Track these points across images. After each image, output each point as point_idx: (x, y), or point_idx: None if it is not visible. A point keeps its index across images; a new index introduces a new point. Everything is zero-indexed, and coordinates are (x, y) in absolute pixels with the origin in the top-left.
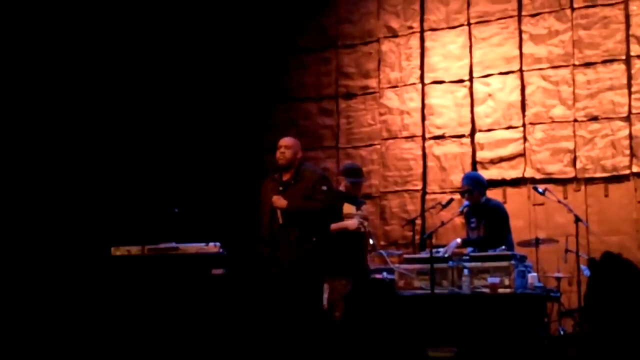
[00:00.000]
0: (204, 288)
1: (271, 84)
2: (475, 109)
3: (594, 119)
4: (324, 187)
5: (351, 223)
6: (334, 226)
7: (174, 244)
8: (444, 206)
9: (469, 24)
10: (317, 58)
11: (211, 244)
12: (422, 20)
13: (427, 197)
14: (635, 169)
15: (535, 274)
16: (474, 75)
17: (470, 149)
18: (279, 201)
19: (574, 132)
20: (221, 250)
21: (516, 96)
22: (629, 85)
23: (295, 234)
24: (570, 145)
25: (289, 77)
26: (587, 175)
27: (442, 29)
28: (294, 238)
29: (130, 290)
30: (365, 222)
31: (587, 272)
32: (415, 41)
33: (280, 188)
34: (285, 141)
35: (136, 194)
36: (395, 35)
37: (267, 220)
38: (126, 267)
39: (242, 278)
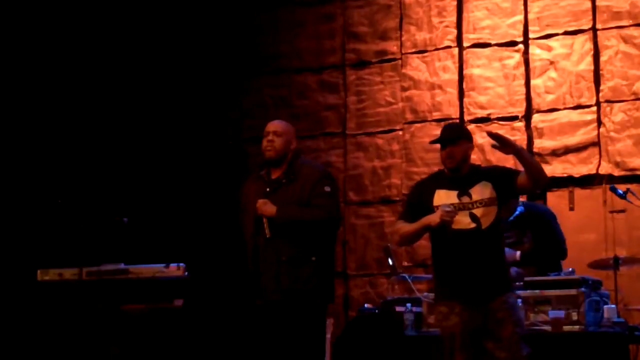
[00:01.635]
0: (163, 324)
1: (252, 50)
2: (532, 83)
3: None
4: (327, 188)
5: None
6: (411, 228)
7: (122, 266)
8: None
9: None
10: (316, 14)
11: (173, 265)
12: None
13: None
14: None
15: (613, 306)
16: (530, 36)
17: (526, 136)
18: (266, 207)
19: None
20: (186, 273)
21: (587, 65)
22: None
23: (287, 252)
24: None
25: (279, 39)
26: None
27: None
28: (286, 258)
29: (61, 328)
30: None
31: None
32: None
33: (268, 189)
34: (275, 126)
35: (71, 199)
36: None
37: (249, 234)
38: (57, 295)
39: (215, 311)
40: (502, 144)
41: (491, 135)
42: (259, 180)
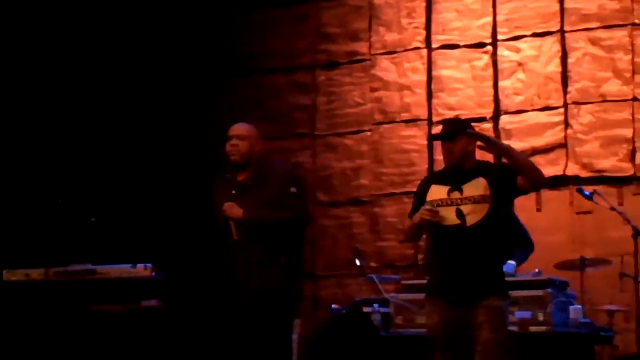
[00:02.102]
0: (131, 325)
1: (224, 50)
2: (500, 84)
3: None
4: (293, 189)
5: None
6: (407, 224)
7: (89, 266)
8: None
9: None
10: (288, 14)
11: (141, 265)
12: None
13: None
14: None
15: (579, 307)
16: (499, 37)
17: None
18: (232, 209)
19: (632, 114)
20: (155, 274)
21: (555, 66)
22: None
23: (255, 253)
24: (627, 132)
25: (250, 40)
26: None
27: None
28: (255, 259)
29: (28, 329)
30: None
31: None
32: None
33: (234, 191)
34: (238, 129)
35: (38, 197)
36: None
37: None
38: (23, 296)
39: (186, 312)
40: (487, 143)
41: (474, 134)
42: (226, 183)
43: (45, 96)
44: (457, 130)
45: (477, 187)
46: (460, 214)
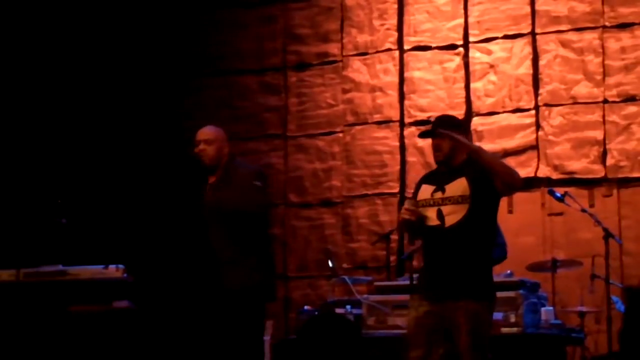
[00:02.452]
0: (102, 326)
1: (194, 51)
2: (472, 86)
3: (631, 99)
4: (258, 183)
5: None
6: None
7: (60, 267)
8: None
9: None
10: (257, 15)
11: (112, 266)
12: None
13: None
14: None
15: (551, 308)
16: (471, 39)
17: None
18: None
19: (603, 117)
20: (126, 275)
21: (527, 68)
22: None
23: (227, 253)
24: (598, 134)
25: (219, 40)
26: (620, 175)
27: None
28: (226, 259)
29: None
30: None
31: (620, 306)
32: None
33: (209, 192)
34: (205, 134)
35: (8, 198)
36: None
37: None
38: None
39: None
40: (457, 143)
41: (443, 134)
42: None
43: (13, 98)
44: (443, 127)
45: (458, 187)
46: (440, 215)
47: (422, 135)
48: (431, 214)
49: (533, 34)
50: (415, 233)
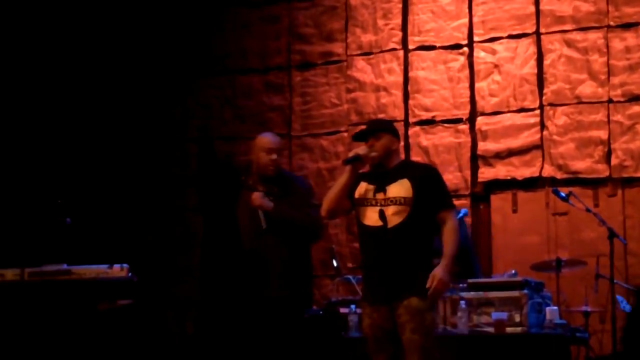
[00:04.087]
0: (106, 325)
1: (198, 50)
2: (477, 86)
3: (635, 99)
4: (315, 202)
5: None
6: None
7: (65, 267)
8: None
9: None
10: (261, 14)
11: (116, 266)
12: None
13: None
14: None
15: (555, 308)
16: (475, 39)
17: (469, 139)
18: (263, 200)
19: (608, 116)
20: (130, 274)
21: (531, 68)
22: None
23: (275, 262)
24: (603, 134)
25: (223, 39)
26: (625, 175)
27: None
28: (279, 269)
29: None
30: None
31: (625, 306)
32: None
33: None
34: (279, 143)
35: (12, 198)
36: None
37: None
38: None
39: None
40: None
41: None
42: (249, 191)
43: (17, 96)
44: (377, 128)
45: (400, 188)
46: (382, 215)
47: (356, 137)
48: (373, 214)
49: (537, 33)
50: (341, 205)
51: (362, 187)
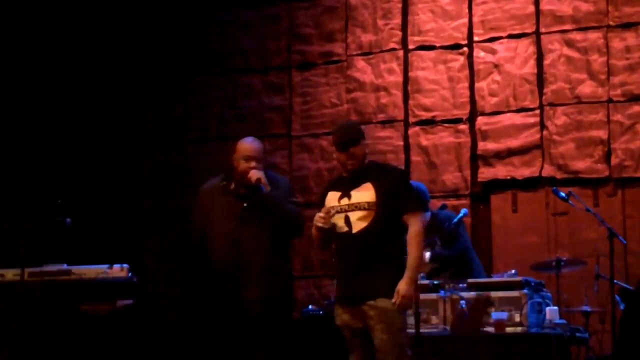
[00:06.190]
0: (106, 325)
1: (198, 50)
2: (476, 85)
3: (635, 99)
4: (296, 199)
5: None
6: (313, 233)
7: (65, 267)
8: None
9: None
10: (261, 14)
11: (116, 266)
12: None
13: None
14: None
15: (555, 308)
16: (475, 39)
17: (469, 139)
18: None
19: (608, 116)
20: (130, 274)
21: (531, 68)
22: None
23: (259, 264)
24: (602, 134)
25: (223, 40)
26: (625, 175)
27: None
28: (258, 270)
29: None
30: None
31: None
32: None
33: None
34: (257, 150)
35: (12, 198)
36: None
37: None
38: None
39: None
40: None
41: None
42: (227, 195)
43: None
44: (358, 135)
45: (364, 193)
46: (347, 221)
47: (341, 145)
48: (339, 220)
49: (537, 33)
50: (327, 240)
51: (330, 196)
